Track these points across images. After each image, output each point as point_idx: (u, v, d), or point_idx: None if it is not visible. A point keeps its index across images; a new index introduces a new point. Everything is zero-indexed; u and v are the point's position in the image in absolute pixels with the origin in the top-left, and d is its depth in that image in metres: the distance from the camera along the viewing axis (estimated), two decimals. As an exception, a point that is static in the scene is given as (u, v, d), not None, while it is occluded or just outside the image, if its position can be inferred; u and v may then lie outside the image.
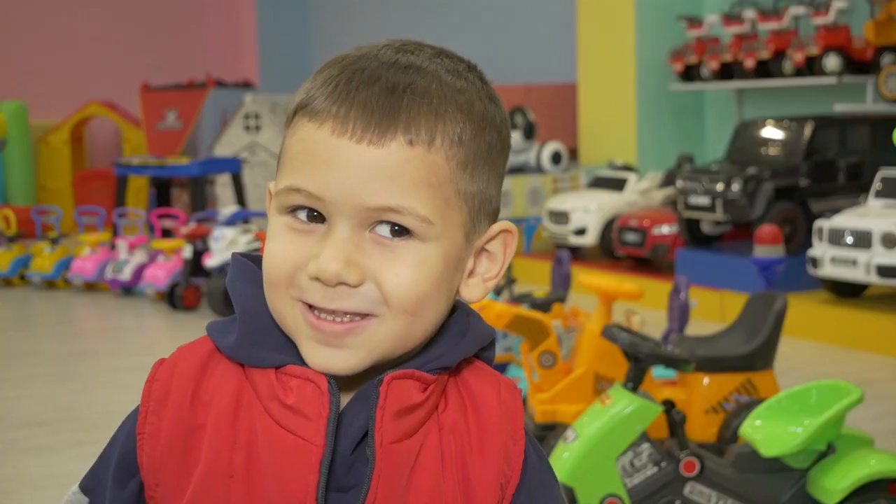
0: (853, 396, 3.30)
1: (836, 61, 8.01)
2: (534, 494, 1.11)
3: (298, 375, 1.01)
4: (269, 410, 1.01)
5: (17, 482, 4.61)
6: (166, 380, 1.04)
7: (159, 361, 1.06)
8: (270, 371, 1.02)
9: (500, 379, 1.12)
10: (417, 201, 0.99)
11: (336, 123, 0.98)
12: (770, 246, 5.68)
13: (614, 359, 4.27)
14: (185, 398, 1.02)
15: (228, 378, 1.03)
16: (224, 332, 1.05)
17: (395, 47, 1.05)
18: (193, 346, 1.07)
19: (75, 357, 7.13)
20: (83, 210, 10.90)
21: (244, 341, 1.02)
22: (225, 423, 1.01)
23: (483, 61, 5.56)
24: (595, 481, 3.49)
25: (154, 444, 1.02)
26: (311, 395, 1.00)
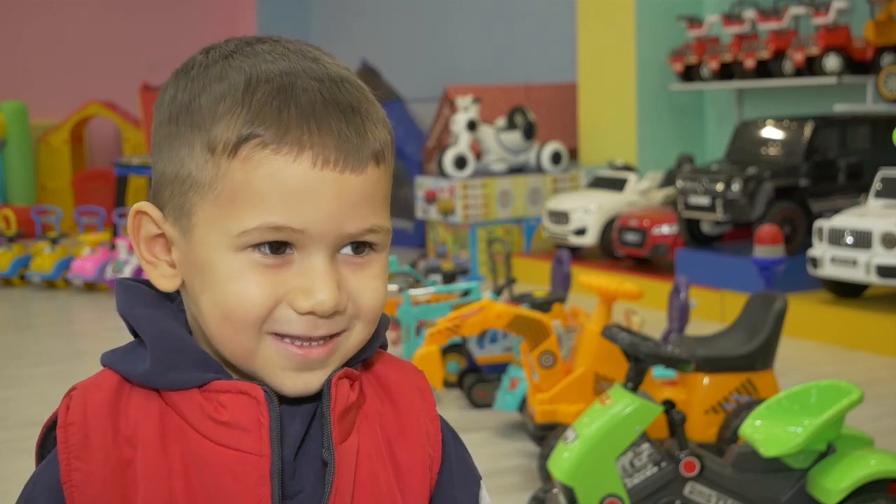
0: (853, 396, 3.30)
1: (836, 61, 8.01)
2: (455, 469, 1.12)
3: (228, 389, 0.98)
4: (202, 430, 0.97)
5: (16, 482, 4.59)
6: (80, 422, 0.99)
7: (63, 406, 1.01)
8: (193, 391, 0.99)
9: (403, 363, 1.13)
10: (384, 216, 1.01)
11: (315, 155, 0.95)
12: (770, 246, 5.68)
13: (614, 359, 4.27)
14: (107, 435, 0.98)
15: (147, 407, 0.99)
16: (130, 360, 1.01)
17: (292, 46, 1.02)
18: (96, 382, 1.02)
19: (75, 357, 7.13)
20: (83, 210, 10.89)
21: (160, 366, 0.98)
22: (154, 453, 0.97)
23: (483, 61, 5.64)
24: (595, 481, 3.49)
25: (87, 489, 0.97)
26: (245, 406, 0.97)
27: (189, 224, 0.99)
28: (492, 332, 5.51)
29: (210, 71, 1.01)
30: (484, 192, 9.74)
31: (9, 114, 13.41)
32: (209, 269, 0.98)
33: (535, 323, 4.52)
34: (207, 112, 0.97)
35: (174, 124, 1.00)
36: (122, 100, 14.71)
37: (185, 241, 1.00)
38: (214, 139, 0.96)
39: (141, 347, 1.01)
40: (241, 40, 1.05)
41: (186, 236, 1.00)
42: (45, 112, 14.62)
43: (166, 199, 1.01)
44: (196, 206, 0.98)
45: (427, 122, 11.41)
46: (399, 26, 14.71)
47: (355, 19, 15.72)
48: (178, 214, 1.00)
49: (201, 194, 0.98)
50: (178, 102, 1.01)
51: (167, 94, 1.03)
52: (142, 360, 1.00)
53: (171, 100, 1.02)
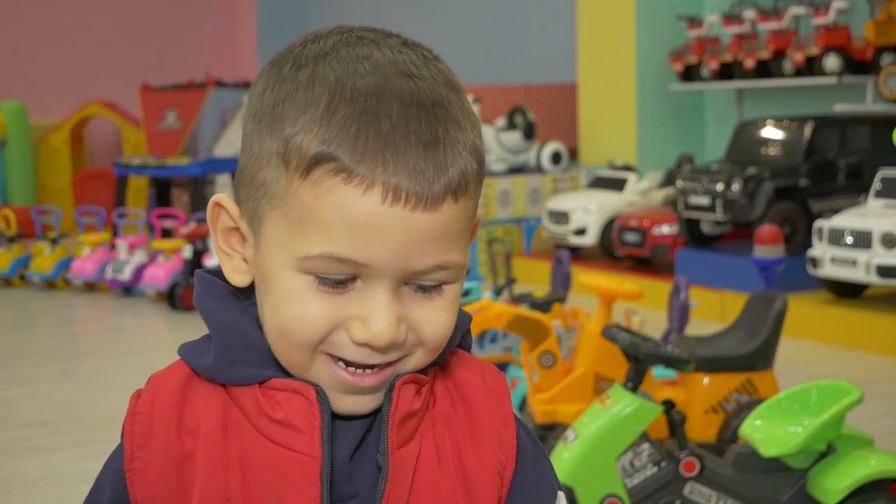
0: (853, 396, 3.30)
1: (836, 61, 8.02)
2: (529, 478, 1.09)
3: (284, 388, 0.98)
4: (259, 427, 0.98)
5: (16, 482, 4.61)
6: (147, 412, 1.00)
7: (136, 394, 1.02)
8: (254, 387, 0.99)
9: (482, 365, 1.10)
10: (458, 252, 0.98)
11: (386, 191, 0.91)
12: (770, 246, 5.68)
13: (614, 359, 4.27)
14: (171, 427, 0.99)
15: (212, 400, 1.00)
16: (199, 353, 1.01)
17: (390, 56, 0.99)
18: (168, 373, 1.03)
19: (75, 357, 7.12)
20: (83, 210, 10.90)
21: (223, 360, 0.99)
22: (215, 447, 0.98)
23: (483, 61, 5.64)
24: (595, 481, 3.49)
25: (146, 479, 0.99)
26: (299, 406, 0.97)
27: (259, 230, 0.98)
28: (492, 332, 5.51)
29: (300, 74, 0.97)
30: (484, 192, 9.71)
31: (9, 114, 13.41)
32: (272, 281, 0.97)
33: (534, 323, 4.51)
34: (288, 121, 0.95)
35: (258, 124, 0.98)
36: (122, 100, 14.70)
37: (256, 244, 0.99)
38: (290, 153, 0.94)
39: (206, 341, 1.02)
40: (340, 37, 1.04)
41: (257, 240, 0.99)
42: (46, 112, 14.62)
43: (243, 197, 1.00)
44: (267, 216, 0.97)
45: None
46: (399, 26, 14.61)
47: (355, 19, 15.57)
48: (252, 217, 0.99)
49: (272, 206, 0.96)
50: (265, 101, 0.98)
51: (259, 87, 1.01)
52: (209, 353, 1.00)
53: (261, 96, 1.00)
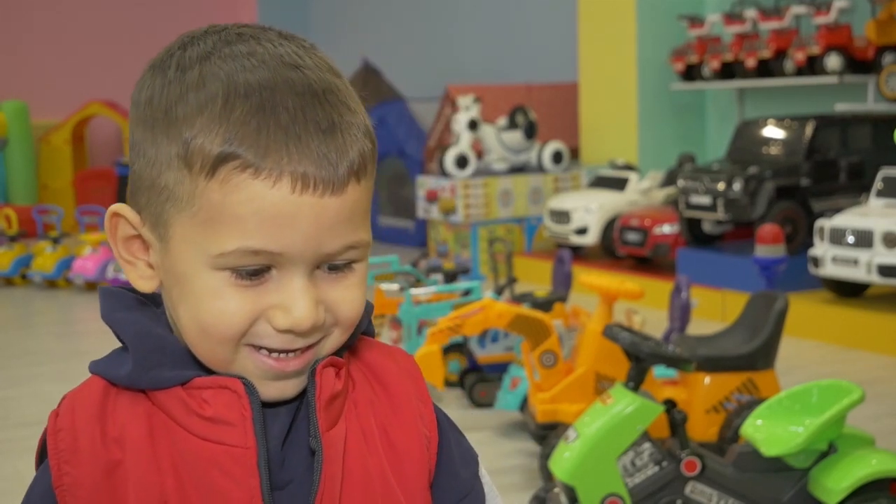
0: (854, 396, 3.30)
1: (838, 61, 8.01)
2: (453, 447, 1.13)
3: (210, 385, 0.99)
4: (188, 427, 0.98)
5: (16, 481, 4.61)
6: (69, 427, 1.00)
7: (53, 413, 1.02)
8: (177, 389, 0.99)
9: (390, 348, 1.13)
10: (365, 230, 1.01)
11: (294, 180, 0.93)
12: (771, 245, 5.69)
13: (615, 358, 4.27)
14: (95, 438, 0.99)
15: (134, 409, 1.00)
16: (113, 364, 1.02)
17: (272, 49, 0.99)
18: (83, 389, 1.03)
19: (76, 356, 7.12)
20: (84, 209, 10.90)
21: (141, 366, 0.99)
22: (143, 452, 0.98)
23: (484, 60, 5.64)
24: (596, 481, 3.49)
25: (77, 492, 0.98)
26: (227, 400, 0.98)
27: (166, 234, 0.99)
28: (493, 332, 5.51)
29: (187, 76, 0.97)
30: (485, 191, 9.74)
31: (10, 113, 13.42)
32: (186, 282, 0.98)
33: (536, 322, 4.52)
34: (184, 124, 0.95)
35: (150, 129, 0.98)
36: (124, 99, 14.69)
37: (163, 249, 1.00)
38: (192, 155, 0.94)
39: (125, 352, 1.02)
40: (218, 37, 1.02)
41: (164, 244, 0.99)
42: (47, 111, 14.63)
43: (143, 204, 1.00)
44: (173, 219, 0.97)
45: (428, 121, 11.41)
46: (400, 25, 14.72)
47: (356, 18, 15.72)
48: (156, 222, 0.99)
49: (178, 209, 0.97)
50: (154, 106, 0.98)
51: (144, 94, 1.00)
52: (125, 363, 1.01)
53: (148, 102, 0.99)
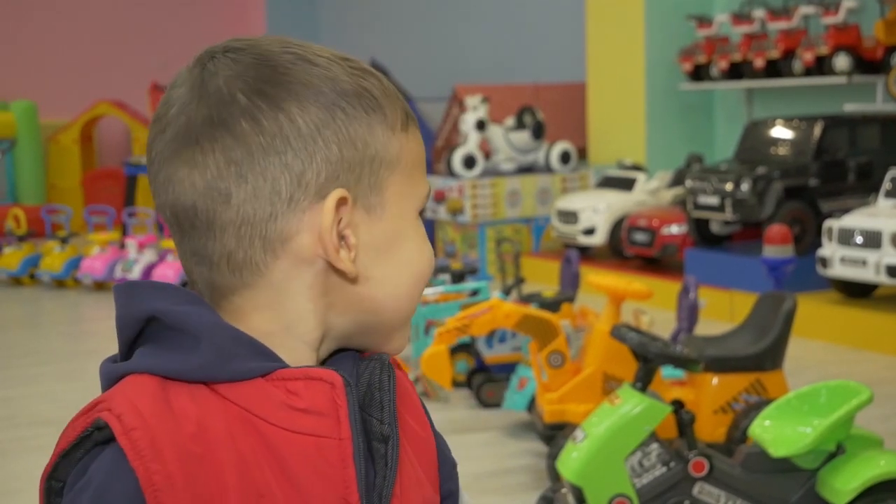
0: (863, 397, 3.30)
1: (846, 61, 8.00)
2: (445, 452, 1.16)
3: (298, 377, 0.97)
4: (274, 419, 0.96)
5: (26, 480, 4.62)
6: (143, 426, 0.92)
7: (112, 415, 0.92)
8: (258, 380, 0.97)
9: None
10: None
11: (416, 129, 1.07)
12: (779, 246, 5.67)
13: (623, 359, 4.27)
14: (174, 434, 0.93)
15: (203, 402, 0.95)
16: (171, 359, 0.96)
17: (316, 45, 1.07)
18: (135, 387, 0.95)
19: (85, 356, 7.14)
20: (93, 209, 10.92)
21: (219, 357, 0.96)
22: (227, 445, 0.94)
23: (492, 61, 5.65)
24: (604, 481, 3.49)
25: (174, 491, 0.92)
26: (320, 391, 0.97)
27: (380, 200, 1.01)
28: (500, 332, 5.51)
29: (336, 59, 1.03)
30: (493, 191, 9.74)
31: (19, 113, 13.45)
32: (402, 237, 1.03)
33: (543, 322, 4.52)
34: (377, 96, 1.02)
35: (338, 111, 0.99)
36: (132, 99, 14.73)
37: (374, 218, 1.01)
38: (392, 119, 1.02)
39: (174, 345, 0.97)
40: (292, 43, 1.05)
41: (376, 212, 1.01)
42: (55, 111, 14.66)
43: (352, 181, 1.00)
44: (387, 181, 1.02)
45: (436, 121, 11.41)
46: (408, 26, 14.72)
47: (364, 18, 15.73)
48: (367, 193, 1.01)
49: (391, 168, 1.02)
50: (341, 88, 1.00)
51: (301, 78, 0.99)
52: (190, 354, 0.96)
53: (323, 86, 0.99)
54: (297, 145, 0.97)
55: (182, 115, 0.97)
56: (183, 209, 0.97)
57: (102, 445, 0.92)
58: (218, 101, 0.96)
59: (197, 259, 1.00)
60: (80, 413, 0.95)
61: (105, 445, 0.92)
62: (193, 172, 0.96)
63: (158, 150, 0.98)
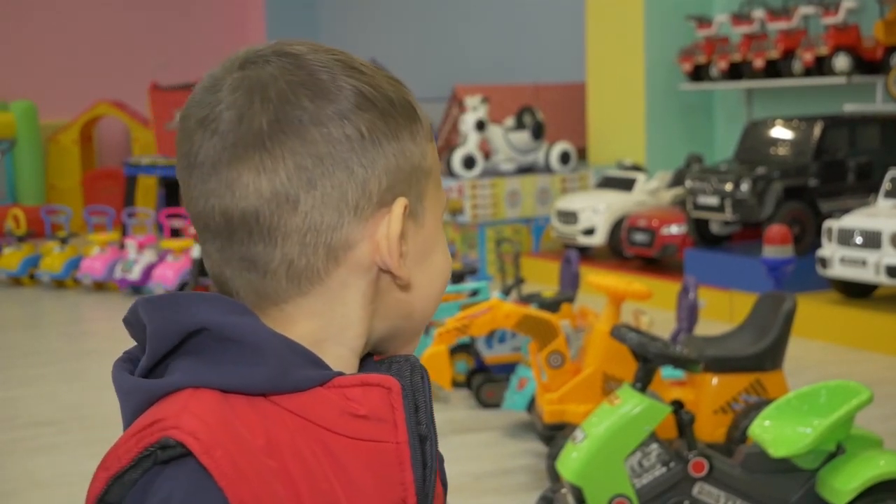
0: (862, 397, 3.30)
1: (846, 61, 8.00)
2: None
3: (356, 383, 0.97)
4: (334, 427, 0.95)
5: (25, 481, 4.62)
6: (220, 442, 0.90)
7: (184, 433, 0.90)
8: (317, 389, 0.96)
9: None
10: None
11: None
12: (779, 246, 5.67)
13: (623, 359, 4.26)
14: (250, 451, 0.91)
15: (265, 414, 0.94)
16: (233, 372, 0.95)
17: None
18: (200, 404, 0.93)
19: (84, 356, 7.14)
20: (92, 210, 10.92)
21: (281, 368, 0.94)
22: (297, 457, 0.94)
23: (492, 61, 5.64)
24: (603, 481, 3.49)
25: None
26: (378, 397, 0.98)
27: (421, 208, 1.03)
28: (500, 332, 5.51)
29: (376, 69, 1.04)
30: (492, 191, 9.74)
31: (19, 113, 13.46)
32: (435, 242, 1.06)
33: (543, 323, 4.51)
34: (415, 106, 1.04)
35: (391, 119, 1.00)
36: (132, 100, 14.73)
37: (418, 225, 1.03)
38: (426, 128, 1.04)
39: (228, 358, 0.95)
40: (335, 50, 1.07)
41: (420, 220, 1.03)
42: (55, 112, 14.66)
43: (406, 190, 1.01)
44: (427, 190, 1.04)
45: (436, 121, 11.42)
46: (408, 26, 14.72)
47: (364, 18, 15.73)
48: (414, 202, 1.02)
49: (428, 177, 1.04)
50: (377, 97, 1.00)
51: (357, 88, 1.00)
52: (253, 367, 0.94)
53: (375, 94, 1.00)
54: (362, 154, 0.97)
55: (244, 119, 0.95)
56: (241, 215, 0.95)
57: (162, 465, 0.90)
58: (284, 106, 0.95)
59: (246, 266, 0.97)
60: (133, 433, 0.92)
61: (165, 465, 0.90)
62: (260, 178, 0.94)
63: (209, 154, 0.95)
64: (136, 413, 0.96)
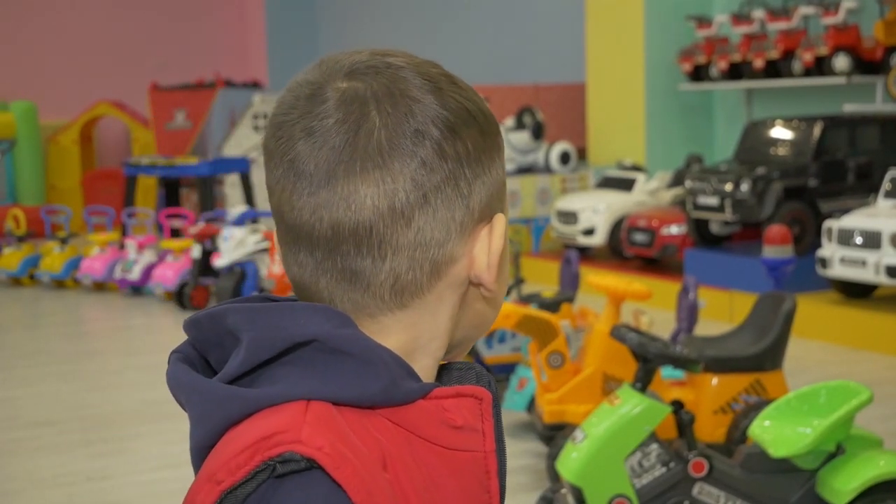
0: (862, 397, 3.30)
1: (846, 61, 8.00)
2: None
3: (451, 394, 0.98)
4: (435, 438, 0.96)
5: (25, 481, 4.62)
6: (346, 456, 0.90)
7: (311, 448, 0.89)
8: (420, 402, 0.96)
9: None
10: None
11: None
12: (779, 246, 5.67)
13: (623, 359, 4.27)
14: (370, 462, 0.91)
15: (373, 426, 0.95)
16: (347, 384, 0.94)
17: None
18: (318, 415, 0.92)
19: (84, 356, 7.14)
20: (92, 210, 10.93)
21: (392, 380, 0.95)
22: (406, 470, 0.94)
23: (492, 61, 5.66)
24: (603, 481, 3.49)
25: None
26: (470, 407, 0.99)
27: (500, 221, 1.04)
28: (500, 332, 5.51)
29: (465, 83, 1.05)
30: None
31: (19, 114, 13.46)
32: (504, 252, 1.05)
33: (543, 323, 4.51)
34: (496, 120, 1.05)
35: (487, 136, 1.02)
36: (132, 100, 14.74)
37: (494, 240, 1.04)
38: (503, 142, 1.05)
39: (339, 370, 0.95)
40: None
41: (495, 234, 1.03)
42: (55, 112, 14.67)
43: (499, 206, 1.03)
44: (499, 206, 1.04)
45: (436, 121, 11.41)
46: (408, 26, 14.72)
47: (362, 18, 15.73)
48: (490, 215, 1.03)
49: (504, 190, 1.06)
50: (477, 112, 1.02)
51: (463, 104, 1.01)
52: (367, 380, 0.95)
53: (476, 110, 1.01)
54: (469, 171, 0.98)
55: (360, 132, 0.94)
56: (353, 228, 0.95)
57: (277, 478, 0.88)
58: (400, 121, 0.95)
59: (347, 277, 0.97)
60: (246, 445, 0.89)
61: (280, 478, 0.88)
62: (379, 192, 0.94)
63: (321, 166, 0.94)
64: (228, 423, 0.93)
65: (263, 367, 0.95)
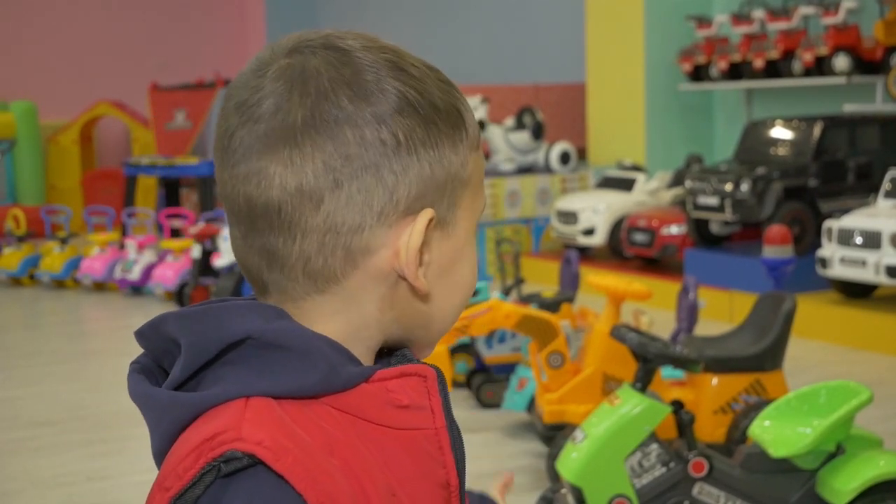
0: (862, 397, 3.30)
1: (846, 61, 8.00)
2: None
3: (395, 375, 0.98)
4: (380, 420, 0.97)
5: (25, 481, 4.62)
6: (287, 448, 0.90)
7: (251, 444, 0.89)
8: (362, 385, 0.96)
9: None
10: None
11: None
12: (779, 246, 5.67)
13: (623, 359, 4.27)
14: (314, 451, 0.91)
15: (316, 414, 0.95)
16: (285, 378, 0.94)
17: None
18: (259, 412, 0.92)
19: (84, 357, 7.14)
20: (92, 210, 10.93)
21: (331, 370, 0.95)
22: (357, 454, 0.95)
23: (492, 61, 5.65)
24: (603, 481, 3.49)
25: None
26: (415, 386, 0.99)
27: (452, 217, 1.02)
28: (500, 332, 5.51)
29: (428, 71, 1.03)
30: (492, 192, 9.74)
31: (19, 113, 13.46)
32: (462, 256, 1.04)
33: (543, 323, 4.52)
34: (463, 113, 1.02)
35: (434, 128, 0.99)
36: (132, 100, 14.74)
37: (444, 235, 1.01)
38: (472, 137, 1.02)
39: (277, 364, 0.95)
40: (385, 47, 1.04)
41: (447, 230, 1.01)
42: (55, 112, 14.67)
43: (436, 200, 1.00)
44: (461, 199, 1.02)
45: (436, 121, 11.41)
46: (407, 26, 14.72)
47: (363, 18, 15.73)
48: (444, 212, 1.01)
49: (464, 186, 1.02)
50: (423, 104, 0.98)
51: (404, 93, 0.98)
52: (304, 372, 0.95)
53: (421, 101, 0.98)
54: (395, 160, 0.96)
55: (280, 111, 0.93)
56: (264, 206, 0.94)
57: (224, 478, 0.88)
58: (322, 103, 0.94)
59: (266, 257, 0.97)
60: (190, 449, 0.90)
61: (227, 478, 0.88)
62: (287, 172, 0.93)
63: (243, 140, 0.95)
64: (177, 428, 0.94)
65: (206, 369, 0.95)
